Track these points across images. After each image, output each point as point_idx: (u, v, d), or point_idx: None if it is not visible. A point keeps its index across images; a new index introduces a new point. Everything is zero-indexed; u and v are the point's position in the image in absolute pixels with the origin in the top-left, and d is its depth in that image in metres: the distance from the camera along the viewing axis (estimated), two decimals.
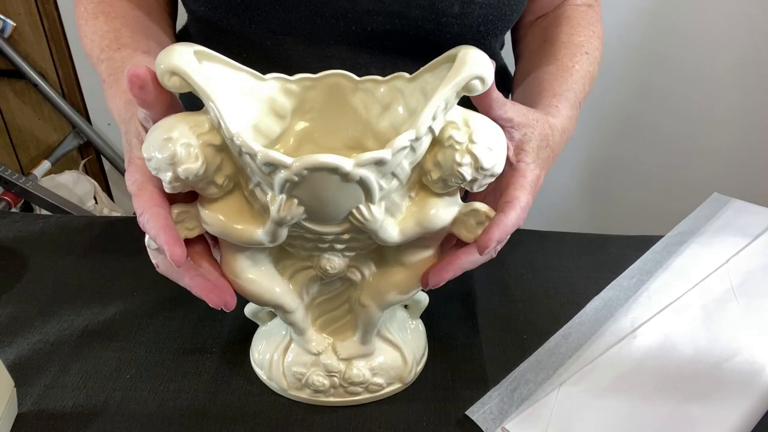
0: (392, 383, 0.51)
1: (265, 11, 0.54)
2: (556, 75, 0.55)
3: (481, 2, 0.54)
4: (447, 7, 0.53)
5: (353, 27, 0.54)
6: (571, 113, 0.52)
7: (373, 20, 0.54)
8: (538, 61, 0.59)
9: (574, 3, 0.64)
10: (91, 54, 0.55)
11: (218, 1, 0.54)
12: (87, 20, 0.56)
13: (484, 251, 0.41)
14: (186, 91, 0.37)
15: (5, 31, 1.43)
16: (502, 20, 0.57)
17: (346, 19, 0.54)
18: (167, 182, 0.38)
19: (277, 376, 0.50)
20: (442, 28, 0.54)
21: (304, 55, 0.55)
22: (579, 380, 0.50)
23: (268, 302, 0.45)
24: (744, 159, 1.34)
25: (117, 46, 0.52)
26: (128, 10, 0.56)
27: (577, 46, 0.58)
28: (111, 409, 0.50)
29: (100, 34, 0.54)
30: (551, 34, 0.61)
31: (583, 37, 0.60)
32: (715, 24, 1.20)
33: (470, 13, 0.54)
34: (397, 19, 0.54)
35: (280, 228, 0.39)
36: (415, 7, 0.53)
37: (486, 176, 0.39)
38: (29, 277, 0.63)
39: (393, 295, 0.45)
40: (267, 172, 0.36)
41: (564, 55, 0.57)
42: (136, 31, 0.54)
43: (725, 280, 0.60)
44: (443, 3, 0.53)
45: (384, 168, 0.36)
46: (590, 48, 0.59)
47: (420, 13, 0.53)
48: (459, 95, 0.38)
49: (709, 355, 0.52)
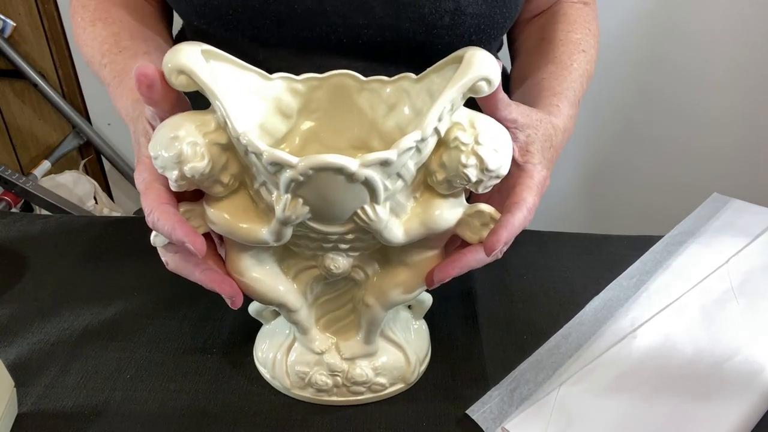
0: (395, 383, 0.51)
1: (256, 25, 0.54)
2: (556, 74, 0.55)
3: (472, 13, 0.54)
4: (437, 19, 0.53)
5: (344, 40, 0.55)
6: (571, 112, 0.52)
7: (364, 33, 0.54)
8: (536, 60, 0.59)
9: (570, 0, 0.64)
10: (93, 60, 0.55)
11: (210, 16, 0.54)
12: (85, 28, 0.56)
13: (491, 252, 0.41)
14: (193, 90, 0.37)
15: (5, 31, 1.43)
16: (494, 28, 0.57)
17: (337, 33, 0.54)
18: (173, 180, 0.38)
19: (281, 375, 0.50)
20: (433, 39, 0.55)
21: (298, 64, 0.56)
22: (579, 380, 0.50)
23: (272, 301, 0.45)
24: (743, 159, 1.34)
25: (118, 50, 0.53)
26: (124, 15, 0.56)
27: (575, 44, 0.58)
28: (111, 409, 0.50)
29: (99, 40, 0.54)
30: (548, 31, 0.61)
31: (580, 34, 0.60)
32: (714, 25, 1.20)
33: (461, 24, 0.54)
34: (388, 32, 0.54)
35: (284, 227, 0.39)
36: (406, 20, 0.53)
37: (491, 178, 0.39)
38: (29, 277, 0.63)
39: (397, 295, 0.45)
40: (272, 172, 0.36)
41: (562, 53, 0.57)
42: (134, 35, 0.54)
43: (725, 280, 0.60)
44: (433, 15, 0.53)
45: (389, 168, 0.36)
46: (587, 46, 0.59)
47: (411, 25, 0.54)
48: (465, 96, 0.38)
49: (709, 355, 0.52)
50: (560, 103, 0.51)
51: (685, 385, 0.50)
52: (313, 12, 0.53)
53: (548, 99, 0.52)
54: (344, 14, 0.53)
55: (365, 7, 0.52)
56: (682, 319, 0.56)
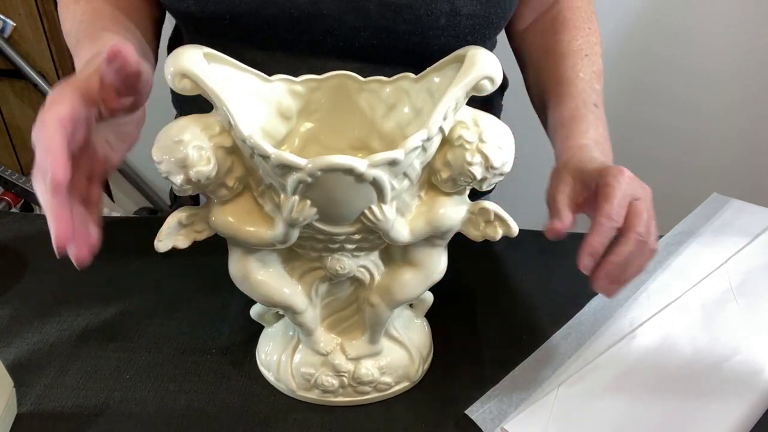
0: (400, 382, 0.51)
1: (252, 29, 0.54)
2: (571, 118, 0.57)
3: (467, 14, 0.54)
4: (433, 21, 0.53)
5: (341, 43, 0.55)
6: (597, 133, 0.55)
7: (360, 36, 0.54)
8: (545, 77, 0.61)
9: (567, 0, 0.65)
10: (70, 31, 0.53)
11: (206, 21, 0.55)
12: (68, 6, 0.55)
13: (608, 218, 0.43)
14: (196, 93, 0.37)
15: (5, 31, 1.42)
16: (489, 28, 0.58)
17: (334, 36, 0.54)
18: (178, 185, 0.37)
19: (286, 378, 0.50)
20: (429, 40, 0.55)
21: (295, 67, 0.56)
22: (579, 380, 0.50)
23: (278, 303, 0.45)
24: (743, 159, 1.34)
25: (97, 20, 0.52)
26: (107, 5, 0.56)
27: (576, 52, 0.60)
28: (111, 409, 0.50)
29: (80, 12, 0.53)
30: (550, 43, 0.62)
31: (581, 39, 0.61)
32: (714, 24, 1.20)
33: (457, 25, 0.55)
34: (384, 34, 0.54)
35: (292, 229, 0.39)
36: (402, 22, 0.53)
37: (495, 175, 0.39)
38: (29, 277, 0.63)
39: (402, 294, 0.46)
40: (280, 174, 0.36)
41: (567, 68, 0.59)
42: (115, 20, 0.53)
43: (725, 280, 0.60)
44: (429, 17, 0.53)
45: (396, 168, 0.36)
46: (589, 49, 0.60)
47: (406, 27, 0.54)
48: (468, 95, 0.38)
49: (709, 355, 0.52)
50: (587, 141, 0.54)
51: (685, 385, 0.50)
52: (309, 15, 0.53)
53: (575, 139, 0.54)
54: (340, 17, 0.53)
55: (361, 9, 0.53)
56: (681, 319, 0.56)
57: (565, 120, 0.57)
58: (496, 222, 0.43)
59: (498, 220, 0.43)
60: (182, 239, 0.43)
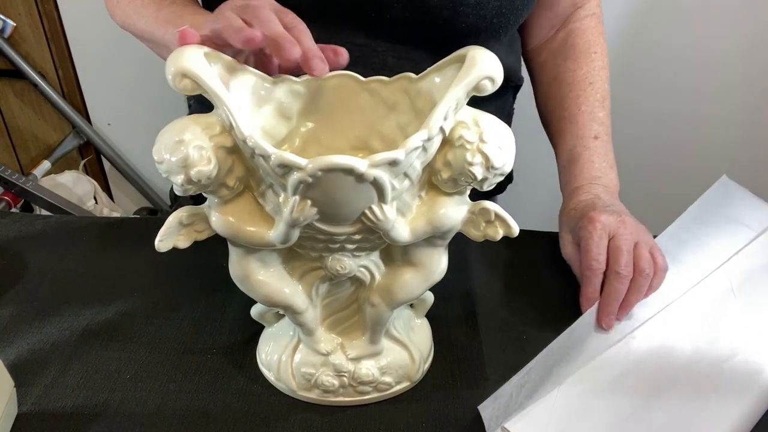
0: (401, 382, 0.51)
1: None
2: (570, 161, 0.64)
3: None
4: None
5: (372, 14, 0.55)
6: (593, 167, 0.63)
7: (392, 7, 0.55)
8: (550, 107, 0.68)
9: (578, 18, 0.67)
10: (144, 12, 0.57)
11: None
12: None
13: None
14: (197, 93, 0.37)
15: (5, 31, 1.42)
16: (513, 14, 0.60)
17: (365, 7, 0.54)
18: (179, 185, 0.37)
19: (286, 378, 0.50)
20: (458, 17, 0.56)
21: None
22: (579, 380, 0.50)
23: (278, 303, 0.46)
24: (744, 159, 1.34)
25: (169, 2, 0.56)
26: None
27: (581, 82, 0.65)
28: (111, 409, 0.50)
29: None
30: (558, 71, 0.68)
31: (586, 67, 0.66)
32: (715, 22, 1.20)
33: (486, 4, 0.57)
34: (418, 4, 0.55)
35: (292, 229, 0.39)
36: None
37: (496, 175, 0.39)
38: (29, 277, 0.63)
39: (402, 294, 0.46)
40: (280, 174, 0.36)
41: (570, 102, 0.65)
42: None
43: (725, 280, 0.60)
44: None
45: (397, 168, 0.36)
46: (593, 76, 0.66)
47: (438, 1, 0.55)
48: (469, 95, 0.38)
49: (709, 355, 0.52)
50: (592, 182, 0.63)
51: (685, 385, 0.50)
52: None
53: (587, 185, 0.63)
54: None
55: None
56: (681, 319, 0.56)
57: (565, 162, 0.65)
58: (497, 222, 0.43)
59: (498, 220, 0.43)
60: (183, 239, 0.43)
